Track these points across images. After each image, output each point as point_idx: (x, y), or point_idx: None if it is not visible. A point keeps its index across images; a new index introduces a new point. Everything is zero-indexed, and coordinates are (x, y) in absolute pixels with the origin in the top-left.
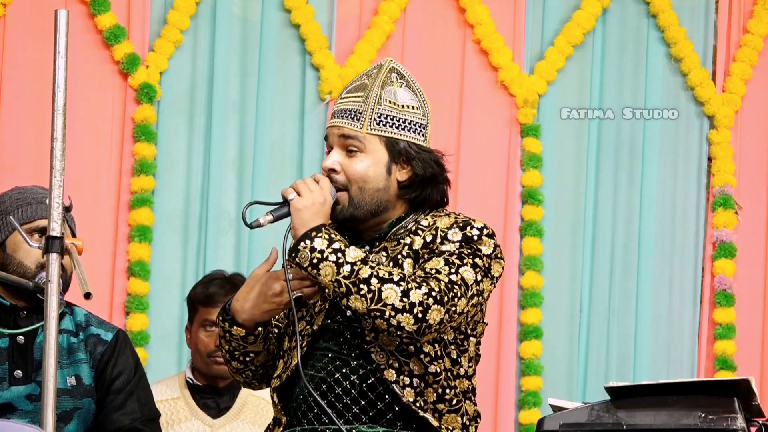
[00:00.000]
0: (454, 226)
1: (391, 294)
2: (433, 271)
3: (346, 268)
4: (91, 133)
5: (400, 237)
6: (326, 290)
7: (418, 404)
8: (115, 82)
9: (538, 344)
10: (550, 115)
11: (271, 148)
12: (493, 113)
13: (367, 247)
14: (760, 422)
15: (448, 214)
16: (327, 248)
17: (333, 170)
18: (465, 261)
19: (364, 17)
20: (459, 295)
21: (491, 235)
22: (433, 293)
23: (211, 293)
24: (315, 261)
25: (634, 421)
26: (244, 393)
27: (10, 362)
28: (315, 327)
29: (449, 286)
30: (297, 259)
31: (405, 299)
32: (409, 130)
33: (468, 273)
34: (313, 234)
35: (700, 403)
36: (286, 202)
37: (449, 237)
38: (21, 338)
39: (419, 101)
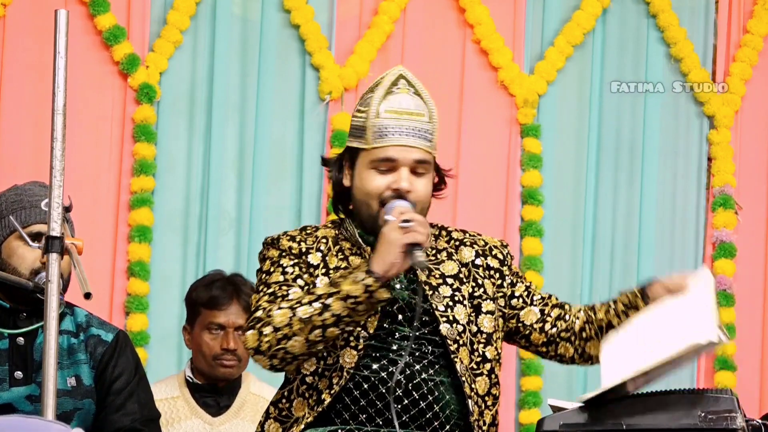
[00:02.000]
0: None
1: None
2: (546, 295)
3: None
4: (91, 133)
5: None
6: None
7: (479, 423)
8: (115, 83)
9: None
10: (550, 115)
11: (271, 148)
12: (493, 113)
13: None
14: (760, 422)
15: (463, 241)
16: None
17: (410, 191)
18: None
19: (364, 17)
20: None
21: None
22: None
23: (215, 296)
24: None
25: (634, 421)
26: (244, 391)
27: (10, 363)
28: (371, 331)
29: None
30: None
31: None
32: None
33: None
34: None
35: (700, 402)
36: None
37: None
38: (21, 339)
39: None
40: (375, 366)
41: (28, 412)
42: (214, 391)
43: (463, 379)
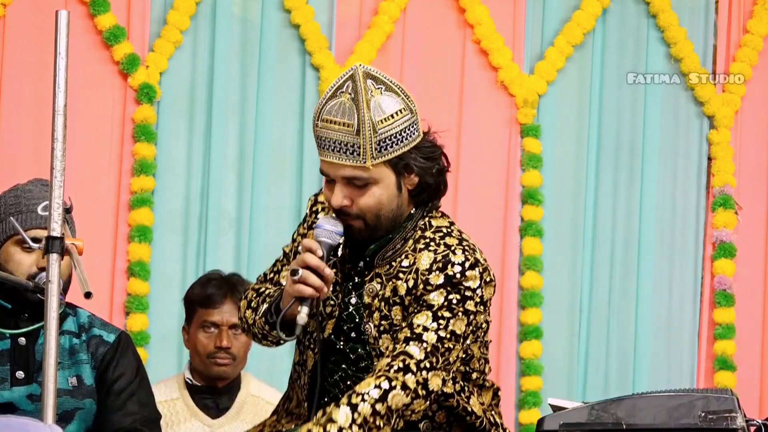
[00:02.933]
0: (434, 267)
1: (397, 399)
2: (420, 329)
3: (354, 430)
4: (91, 133)
5: (390, 260)
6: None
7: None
8: (115, 83)
9: (538, 344)
10: (550, 115)
11: (271, 148)
12: (493, 113)
13: (361, 264)
14: (760, 422)
15: (428, 245)
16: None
17: (345, 206)
18: (455, 311)
19: (364, 17)
20: (450, 348)
21: (474, 264)
22: (421, 365)
23: (209, 294)
24: None
25: (634, 421)
26: (243, 393)
27: (11, 363)
28: (325, 334)
29: (436, 345)
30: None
31: (407, 390)
32: (406, 138)
33: (459, 324)
34: None
35: (700, 402)
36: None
37: (431, 282)
38: (23, 340)
39: (402, 99)
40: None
41: (29, 411)
42: (213, 392)
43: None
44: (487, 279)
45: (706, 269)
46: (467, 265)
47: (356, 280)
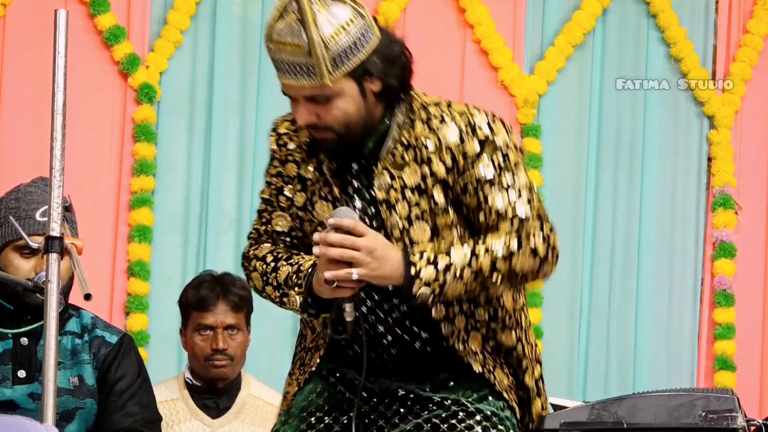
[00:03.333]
0: (465, 137)
1: (523, 260)
2: (510, 210)
3: (467, 274)
4: (91, 133)
5: (392, 150)
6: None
7: (464, 334)
8: (115, 82)
9: (538, 344)
10: (550, 115)
11: None
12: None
13: (356, 166)
14: (760, 422)
15: (443, 119)
16: (439, 273)
17: (313, 123)
18: (509, 166)
19: None
20: (538, 203)
21: (494, 118)
22: (543, 232)
23: (202, 297)
24: (438, 291)
25: (635, 420)
26: (244, 393)
27: (13, 363)
28: None
29: (534, 212)
30: (419, 302)
31: (536, 257)
32: (361, 46)
33: (521, 176)
34: (414, 272)
35: (700, 402)
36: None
37: (469, 153)
38: (24, 340)
39: (349, 6)
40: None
41: (30, 409)
42: (213, 392)
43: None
44: (507, 127)
45: (706, 269)
46: (489, 119)
47: (356, 185)
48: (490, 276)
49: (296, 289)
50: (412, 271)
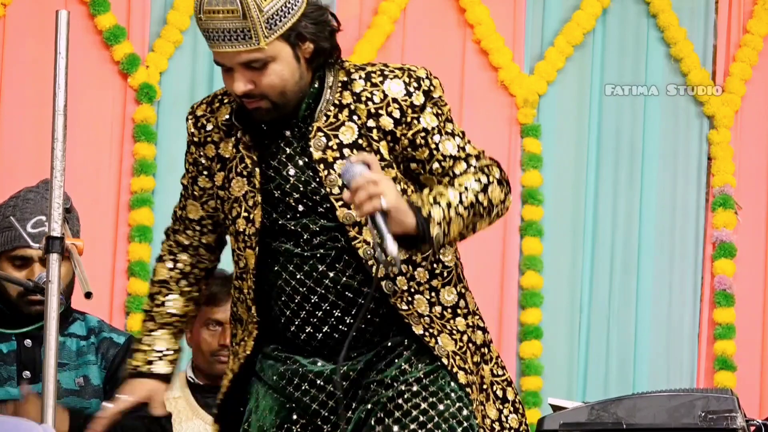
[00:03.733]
0: (410, 89)
1: (495, 192)
2: (461, 152)
3: (461, 209)
4: (91, 133)
5: (325, 111)
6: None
7: (407, 296)
8: (115, 82)
9: (538, 344)
10: (550, 115)
11: None
12: (493, 113)
13: (288, 133)
14: (760, 422)
15: (384, 74)
16: (443, 210)
17: (249, 91)
18: (447, 117)
19: (364, 17)
20: (473, 145)
21: (429, 73)
22: (492, 164)
23: (214, 292)
24: (446, 230)
25: (634, 421)
26: None
27: (18, 364)
28: (258, 225)
29: (474, 148)
30: (435, 244)
31: (501, 185)
32: (292, 9)
33: (456, 126)
34: (427, 214)
35: (700, 402)
36: (374, 216)
37: (416, 104)
38: (28, 341)
39: None
40: (275, 269)
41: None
42: (215, 391)
43: (370, 262)
44: (437, 79)
45: (706, 269)
46: (427, 74)
47: (288, 152)
48: (478, 209)
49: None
50: (424, 212)
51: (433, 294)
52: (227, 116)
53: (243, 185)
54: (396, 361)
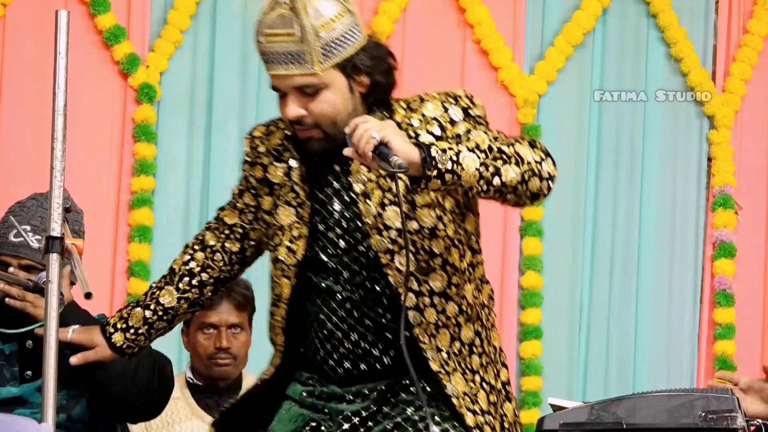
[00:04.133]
0: (447, 105)
1: (524, 150)
2: (488, 135)
3: (478, 151)
4: (91, 133)
5: None
6: (464, 185)
7: (433, 328)
8: (115, 82)
9: (538, 344)
10: (550, 115)
11: None
12: (493, 113)
13: (337, 167)
14: (760, 422)
15: (422, 100)
16: (449, 144)
17: (300, 117)
18: (490, 132)
19: (364, 17)
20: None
21: (468, 94)
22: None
23: None
24: (455, 157)
25: (634, 420)
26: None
27: (20, 364)
28: (299, 256)
29: (508, 139)
30: (439, 167)
31: (535, 149)
32: (350, 40)
33: (494, 131)
34: (428, 141)
35: (700, 402)
36: (376, 148)
37: (454, 117)
38: (30, 343)
39: (339, 2)
40: (317, 302)
41: (38, 403)
42: (214, 392)
43: (400, 290)
44: (478, 101)
45: (706, 269)
46: (469, 94)
47: (336, 186)
48: (501, 156)
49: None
50: (427, 140)
51: (456, 330)
52: (279, 141)
53: (290, 215)
54: (409, 398)
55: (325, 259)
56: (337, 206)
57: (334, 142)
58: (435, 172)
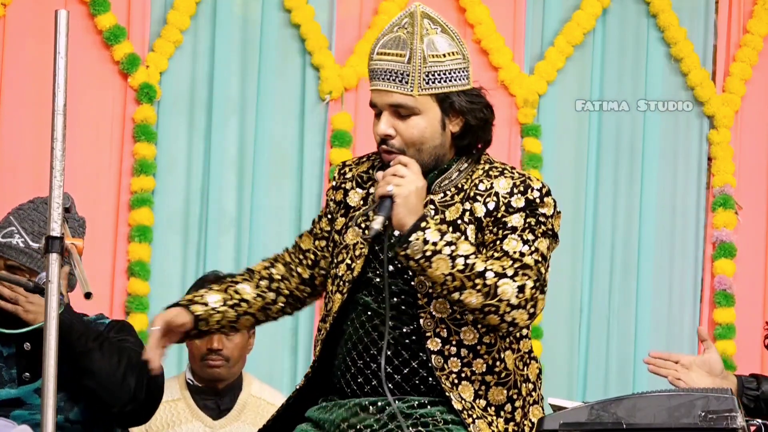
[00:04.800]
0: (515, 191)
1: (508, 289)
2: (518, 254)
3: (460, 261)
4: (91, 133)
5: (445, 188)
6: (433, 285)
7: (455, 377)
8: (115, 82)
9: (538, 344)
10: (550, 115)
11: (271, 148)
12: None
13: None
14: (760, 422)
15: (503, 172)
16: (440, 240)
17: (388, 135)
18: (537, 233)
19: (364, 17)
20: (544, 272)
21: (549, 192)
22: (538, 284)
23: None
24: (429, 254)
25: (634, 420)
26: (245, 394)
27: (18, 367)
28: (356, 274)
29: (539, 269)
30: (408, 251)
31: (521, 295)
32: (455, 79)
33: (542, 244)
34: (423, 225)
35: (700, 402)
36: (385, 198)
37: (513, 205)
38: (28, 345)
39: (456, 43)
40: (351, 316)
41: (36, 404)
42: (214, 393)
43: (428, 334)
44: (558, 210)
45: (706, 269)
46: (544, 191)
47: None
48: (474, 279)
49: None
50: (422, 224)
51: (482, 387)
52: (366, 170)
53: (356, 235)
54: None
55: (373, 277)
56: (396, 232)
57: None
58: (403, 253)
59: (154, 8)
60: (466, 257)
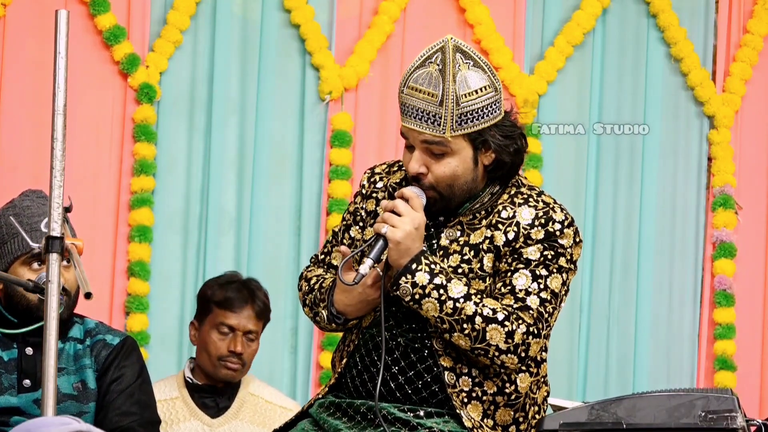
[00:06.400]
0: (536, 222)
1: (496, 335)
2: (522, 293)
3: (449, 304)
4: (91, 133)
5: (475, 211)
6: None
7: (465, 396)
8: (115, 82)
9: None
10: (550, 115)
11: (271, 148)
12: None
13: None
14: (760, 422)
15: (527, 200)
16: (429, 284)
17: (421, 174)
18: (551, 268)
19: (364, 17)
20: (551, 311)
21: (571, 223)
22: (531, 329)
23: (229, 297)
24: (417, 297)
25: (634, 420)
26: (243, 392)
27: (18, 372)
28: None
29: (541, 310)
30: (398, 293)
31: (510, 340)
32: (487, 115)
33: (555, 281)
34: (414, 267)
35: (700, 402)
36: (379, 236)
37: (532, 237)
38: (29, 350)
39: (488, 76)
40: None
41: (35, 415)
42: (213, 391)
43: (439, 352)
44: (578, 239)
45: (706, 269)
46: (566, 223)
47: (430, 231)
48: (463, 324)
49: (321, 304)
50: (413, 265)
51: (491, 408)
52: (398, 180)
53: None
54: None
55: (390, 291)
56: (424, 247)
57: (449, 203)
58: (394, 294)
59: (154, 8)
60: (456, 300)
